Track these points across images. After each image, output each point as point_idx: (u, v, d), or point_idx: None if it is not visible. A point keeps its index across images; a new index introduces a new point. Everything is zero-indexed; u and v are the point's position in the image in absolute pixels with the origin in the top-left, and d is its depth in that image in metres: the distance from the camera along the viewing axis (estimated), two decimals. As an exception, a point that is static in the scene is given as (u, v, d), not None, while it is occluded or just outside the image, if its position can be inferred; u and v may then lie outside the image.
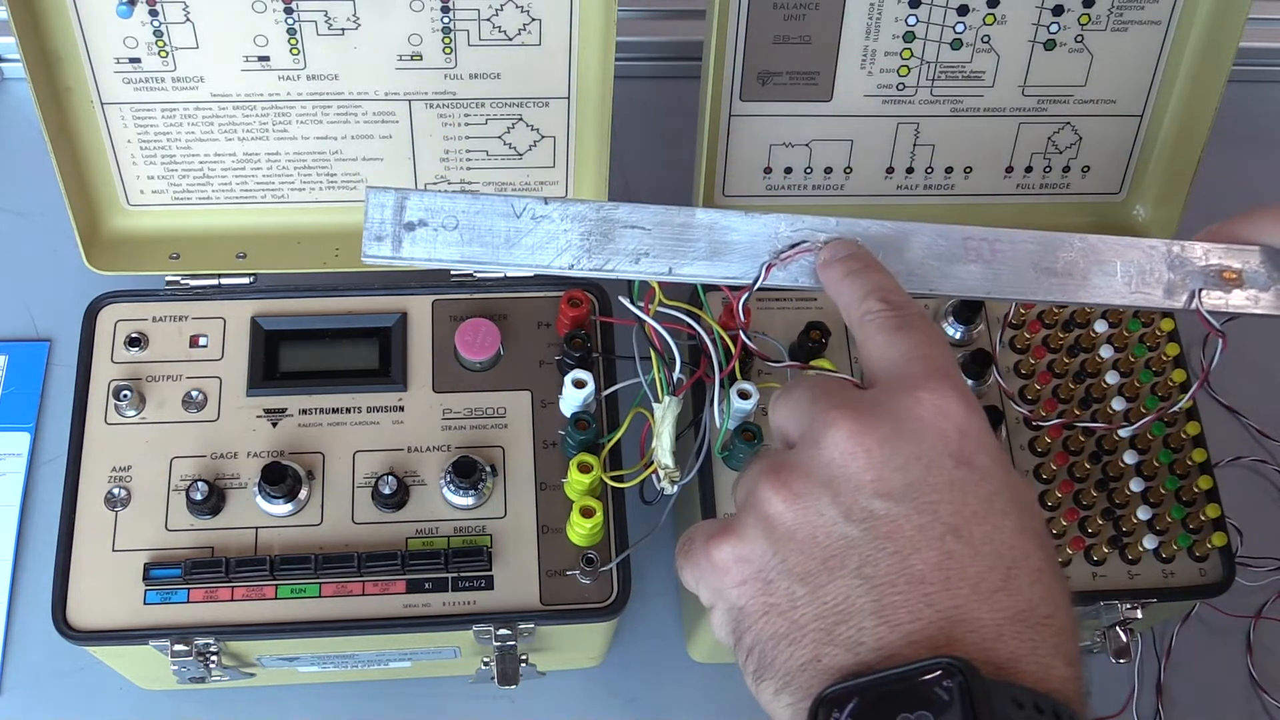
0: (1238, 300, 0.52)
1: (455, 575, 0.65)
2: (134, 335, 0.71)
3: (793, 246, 0.50)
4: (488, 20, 0.69)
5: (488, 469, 0.67)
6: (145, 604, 0.64)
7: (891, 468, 0.40)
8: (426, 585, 0.65)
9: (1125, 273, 0.52)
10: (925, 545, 0.38)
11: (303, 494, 0.67)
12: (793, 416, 0.44)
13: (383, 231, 0.49)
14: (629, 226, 0.50)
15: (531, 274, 0.52)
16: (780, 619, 0.40)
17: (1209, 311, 0.52)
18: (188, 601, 0.64)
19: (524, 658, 0.68)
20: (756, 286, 0.51)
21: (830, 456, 0.40)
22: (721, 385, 0.65)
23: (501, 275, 0.74)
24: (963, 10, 0.71)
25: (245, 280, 0.74)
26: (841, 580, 0.39)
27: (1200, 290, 0.52)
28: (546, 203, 0.50)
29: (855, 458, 0.40)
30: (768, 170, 0.76)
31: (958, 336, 0.74)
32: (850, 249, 0.49)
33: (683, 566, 0.45)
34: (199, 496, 0.65)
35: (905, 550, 0.39)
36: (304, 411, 0.69)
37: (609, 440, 0.67)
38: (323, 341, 0.72)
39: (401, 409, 0.70)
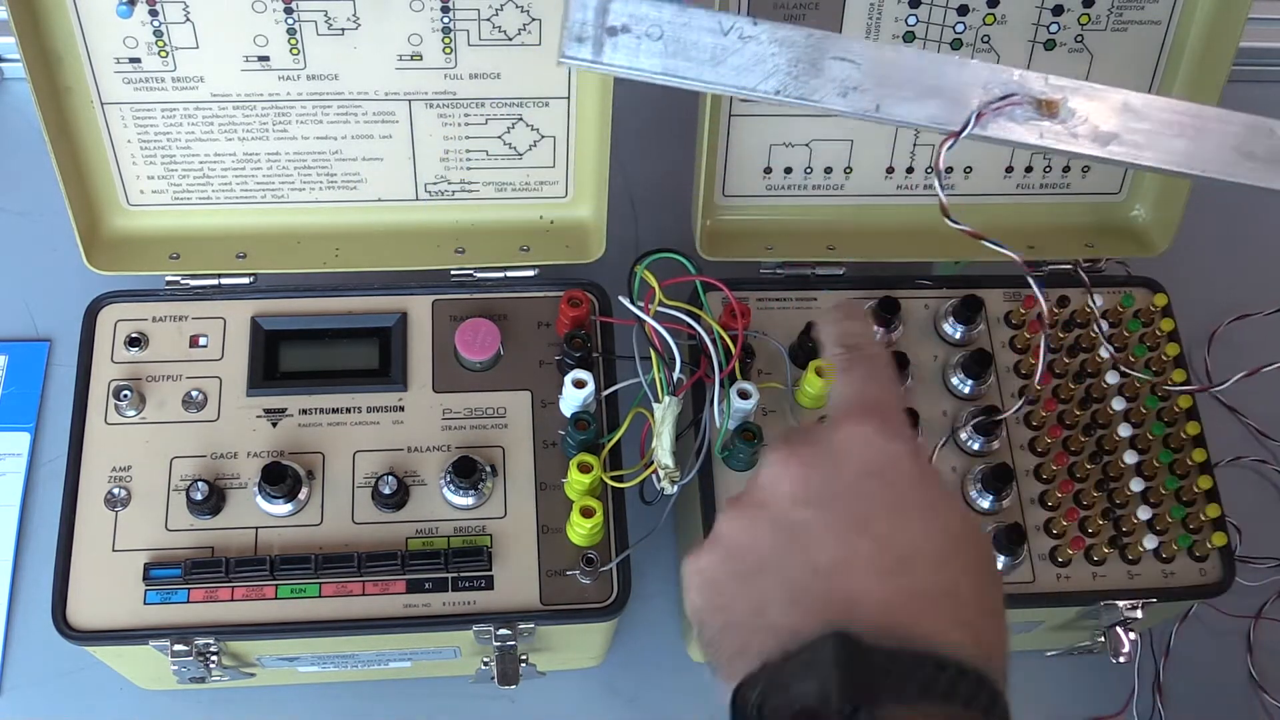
0: None
1: (455, 575, 0.65)
2: (134, 335, 0.71)
3: (1004, 98, 0.50)
4: (488, 20, 0.69)
5: (488, 469, 0.67)
6: (145, 604, 0.64)
7: (808, 482, 0.46)
8: (426, 585, 0.65)
9: None
10: (831, 540, 0.44)
11: (303, 494, 0.67)
12: None
13: (584, 33, 0.48)
14: (837, 58, 0.49)
15: (739, 96, 0.50)
16: (721, 614, 0.46)
17: None
18: (188, 601, 0.64)
19: (524, 658, 0.68)
20: (965, 133, 0.50)
21: (762, 480, 0.47)
22: (721, 385, 0.65)
23: (502, 275, 0.74)
24: (963, 10, 0.71)
25: (245, 280, 0.74)
26: (766, 576, 0.45)
27: None
28: (756, 23, 0.48)
29: (781, 479, 0.47)
30: (768, 170, 0.76)
31: (958, 336, 0.74)
32: (839, 303, 0.56)
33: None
34: (199, 496, 0.65)
35: (813, 547, 0.45)
36: (304, 411, 0.69)
37: (609, 440, 0.67)
38: (323, 341, 0.72)
39: (401, 409, 0.70)
